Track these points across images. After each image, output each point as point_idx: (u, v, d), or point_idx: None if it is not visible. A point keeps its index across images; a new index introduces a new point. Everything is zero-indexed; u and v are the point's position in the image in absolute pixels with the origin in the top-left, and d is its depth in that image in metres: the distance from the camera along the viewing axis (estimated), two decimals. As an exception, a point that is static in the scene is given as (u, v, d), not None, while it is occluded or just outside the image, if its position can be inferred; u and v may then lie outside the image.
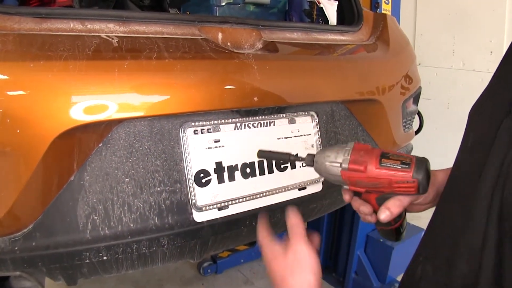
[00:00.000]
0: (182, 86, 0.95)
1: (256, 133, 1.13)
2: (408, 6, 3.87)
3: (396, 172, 0.75)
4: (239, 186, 1.08)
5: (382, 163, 0.76)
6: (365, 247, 2.58)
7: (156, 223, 0.97)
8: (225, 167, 1.06)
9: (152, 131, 0.98)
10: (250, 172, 1.11)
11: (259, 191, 1.12)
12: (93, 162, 0.92)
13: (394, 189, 0.78)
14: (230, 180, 1.07)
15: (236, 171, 1.08)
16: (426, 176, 0.75)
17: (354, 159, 0.78)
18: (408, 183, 0.75)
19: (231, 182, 1.07)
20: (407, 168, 0.75)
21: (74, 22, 0.94)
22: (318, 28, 1.39)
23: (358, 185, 0.81)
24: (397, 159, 0.77)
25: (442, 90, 3.77)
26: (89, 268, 0.98)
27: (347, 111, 1.38)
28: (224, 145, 1.06)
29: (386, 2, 2.36)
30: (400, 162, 0.76)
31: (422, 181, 0.74)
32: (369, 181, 0.78)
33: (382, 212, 0.80)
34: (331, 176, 0.82)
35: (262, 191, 1.12)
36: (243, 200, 1.09)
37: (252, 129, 1.12)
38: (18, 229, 0.87)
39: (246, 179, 1.10)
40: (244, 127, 1.11)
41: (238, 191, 1.07)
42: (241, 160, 1.09)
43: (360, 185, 0.80)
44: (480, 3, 3.37)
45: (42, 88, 0.81)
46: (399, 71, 1.49)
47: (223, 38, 1.10)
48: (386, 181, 0.77)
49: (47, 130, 0.82)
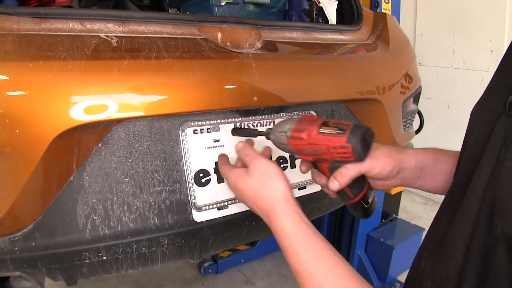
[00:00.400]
0: (182, 86, 0.95)
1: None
2: (408, 6, 3.87)
3: (332, 137, 0.79)
4: None
5: (320, 129, 0.80)
6: (366, 247, 2.59)
7: (156, 223, 0.97)
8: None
9: (152, 131, 0.98)
10: None
11: None
12: (92, 162, 0.92)
13: (333, 156, 0.80)
14: None
15: None
16: (361, 142, 0.77)
17: (297, 128, 0.83)
18: (343, 148, 0.78)
19: None
20: (342, 134, 0.78)
21: (73, 22, 0.94)
22: (318, 28, 1.38)
23: (303, 153, 0.85)
24: (335, 126, 0.80)
25: (442, 90, 3.77)
26: (89, 268, 0.98)
27: (347, 111, 1.37)
28: (223, 144, 1.06)
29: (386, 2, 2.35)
30: (337, 128, 0.79)
31: (356, 146, 0.77)
32: (310, 148, 0.82)
33: (330, 181, 0.84)
34: (282, 146, 0.88)
35: None
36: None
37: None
38: (18, 229, 0.87)
39: None
40: (244, 127, 1.10)
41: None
42: None
43: (305, 153, 0.84)
44: (480, 3, 3.37)
45: (41, 88, 0.81)
46: (399, 70, 1.49)
47: (222, 37, 1.09)
48: (324, 147, 0.80)
49: (47, 130, 0.82)
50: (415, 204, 3.97)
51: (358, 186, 0.86)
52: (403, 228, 2.68)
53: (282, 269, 2.78)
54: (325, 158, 0.83)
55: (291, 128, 0.84)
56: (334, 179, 0.83)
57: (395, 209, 2.83)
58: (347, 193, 0.86)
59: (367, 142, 0.79)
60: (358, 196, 0.86)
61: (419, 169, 0.90)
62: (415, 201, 4.03)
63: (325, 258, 0.71)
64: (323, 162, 0.85)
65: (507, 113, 0.58)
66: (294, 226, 0.76)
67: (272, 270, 2.81)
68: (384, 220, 2.72)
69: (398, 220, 2.80)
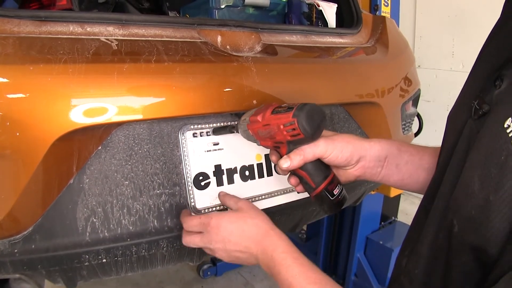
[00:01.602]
0: (181, 89, 0.95)
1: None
2: (408, 8, 3.88)
3: (281, 115, 0.82)
4: (238, 188, 1.08)
5: (273, 111, 0.84)
6: (365, 250, 2.59)
7: (156, 226, 0.97)
8: (224, 169, 1.07)
9: (152, 134, 0.98)
10: (249, 175, 1.11)
11: (258, 194, 1.12)
12: (92, 165, 0.92)
13: (285, 136, 0.82)
14: (229, 183, 1.07)
15: (235, 173, 1.08)
16: (307, 116, 0.79)
17: (255, 112, 0.89)
18: (291, 124, 0.80)
19: (230, 185, 1.07)
20: (289, 111, 0.81)
21: (73, 25, 0.94)
22: (317, 31, 1.39)
23: (261, 137, 0.88)
24: (287, 106, 0.83)
25: (442, 92, 3.77)
26: (88, 270, 0.98)
27: (346, 114, 1.38)
28: (223, 147, 1.07)
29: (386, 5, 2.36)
30: (287, 108, 0.82)
31: (301, 120, 0.79)
32: (265, 129, 0.85)
33: (283, 159, 0.85)
34: (244, 133, 0.94)
35: (261, 193, 1.12)
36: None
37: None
38: (17, 231, 0.87)
39: (245, 181, 1.10)
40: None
41: (237, 194, 1.07)
42: (240, 162, 1.10)
43: (261, 135, 0.88)
44: (479, 5, 3.38)
45: (42, 91, 0.81)
46: (398, 73, 1.49)
47: (222, 41, 1.10)
48: (275, 127, 0.82)
49: (47, 133, 0.82)
50: (414, 206, 3.97)
51: (319, 174, 0.86)
52: (402, 231, 2.67)
53: (282, 271, 2.78)
54: (279, 140, 0.85)
55: (251, 113, 0.90)
56: (287, 157, 0.84)
57: (394, 212, 2.83)
58: (308, 182, 0.87)
59: (314, 119, 0.81)
60: (321, 185, 0.86)
61: (383, 158, 0.90)
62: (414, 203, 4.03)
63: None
64: (281, 146, 0.87)
65: (472, 118, 0.60)
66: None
67: (272, 272, 2.80)
68: (383, 222, 2.72)
69: (397, 222, 2.80)
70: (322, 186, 0.86)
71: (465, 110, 0.64)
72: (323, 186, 0.86)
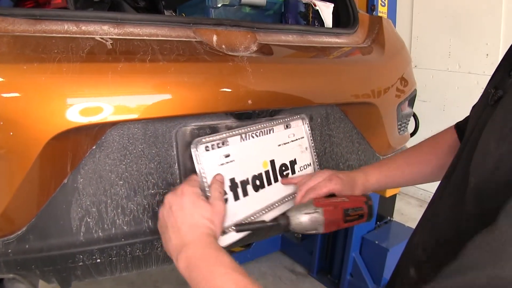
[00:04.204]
0: (176, 89, 0.95)
1: (255, 142, 1.09)
2: (405, 9, 3.88)
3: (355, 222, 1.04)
4: (252, 200, 1.04)
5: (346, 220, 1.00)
6: (360, 249, 2.59)
7: (150, 226, 0.97)
8: (238, 182, 1.03)
9: (146, 134, 0.98)
10: (260, 184, 1.07)
11: (271, 203, 1.09)
12: (86, 164, 0.91)
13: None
14: (244, 195, 1.03)
15: (248, 184, 1.04)
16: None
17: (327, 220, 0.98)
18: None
19: (245, 197, 1.03)
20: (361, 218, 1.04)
21: (68, 24, 0.93)
22: (314, 31, 1.39)
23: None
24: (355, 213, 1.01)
25: (438, 92, 3.78)
26: (82, 270, 0.98)
27: (341, 114, 1.38)
28: (234, 159, 1.03)
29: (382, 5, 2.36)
30: (358, 216, 1.02)
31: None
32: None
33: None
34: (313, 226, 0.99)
35: (273, 202, 1.10)
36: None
37: (251, 139, 1.09)
38: (11, 231, 0.87)
39: (257, 192, 1.06)
40: (248, 138, 1.08)
41: (253, 207, 1.04)
42: (251, 172, 1.06)
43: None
44: (476, 6, 3.39)
45: (36, 90, 0.81)
46: (394, 74, 1.49)
47: (217, 40, 1.09)
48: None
49: (41, 132, 0.82)
50: (410, 206, 3.98)
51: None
52: (398, 231, 2.68)
53: (277, 270, 2.78)
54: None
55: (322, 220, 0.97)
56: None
57: (390, 212, 2.84)
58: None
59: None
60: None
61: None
62: (410, 203, 4.04)
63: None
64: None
65: (489, 104, 0.69)
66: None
67: (267, 271, 2.81)
68: (379, 222, 2.72)
69: (393, 222, 2.81)
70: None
71: (484, 98, 0.73)
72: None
